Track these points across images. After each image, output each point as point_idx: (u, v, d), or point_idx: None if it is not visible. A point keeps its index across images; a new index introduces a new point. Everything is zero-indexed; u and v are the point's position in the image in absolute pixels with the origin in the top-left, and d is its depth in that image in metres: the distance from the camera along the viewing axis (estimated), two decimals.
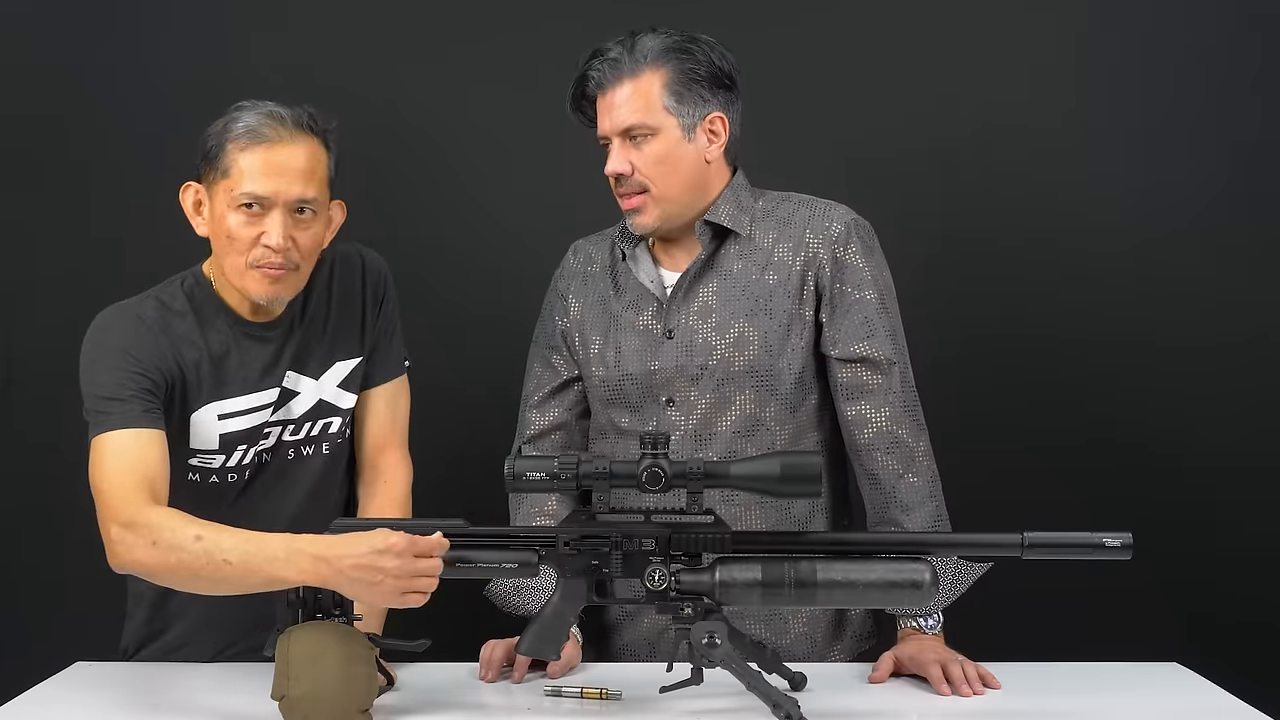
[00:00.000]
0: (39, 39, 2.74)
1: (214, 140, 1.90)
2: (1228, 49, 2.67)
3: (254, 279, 1.89)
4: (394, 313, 2.09)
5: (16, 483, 2.63)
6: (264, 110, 1.89)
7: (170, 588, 1.83)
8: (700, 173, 2.00)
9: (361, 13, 2.75)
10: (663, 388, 2.01)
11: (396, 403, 2.09)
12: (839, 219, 2.01)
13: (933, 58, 2.70)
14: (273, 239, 1.86)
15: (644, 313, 2.05)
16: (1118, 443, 2.69)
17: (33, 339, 2.62)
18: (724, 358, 1.99)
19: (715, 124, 1.99)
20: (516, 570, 1.71)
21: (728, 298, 2.01)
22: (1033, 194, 2.71)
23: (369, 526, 1.70)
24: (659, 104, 1.96)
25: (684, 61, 1.96)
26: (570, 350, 2.12)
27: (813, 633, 2.04)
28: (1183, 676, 1.92)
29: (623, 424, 2.05)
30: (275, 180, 1.86)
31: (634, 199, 1.99)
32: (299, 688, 1.64)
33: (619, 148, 1.98)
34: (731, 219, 2.02)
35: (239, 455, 1.97)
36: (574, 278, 2.14)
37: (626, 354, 2.04)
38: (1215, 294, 2.68)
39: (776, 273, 2.00)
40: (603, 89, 1.98)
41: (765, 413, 1.99)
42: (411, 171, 2.77)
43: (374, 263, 2.07)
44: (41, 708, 1.84)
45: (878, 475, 1.98)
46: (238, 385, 1.95)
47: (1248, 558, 2.67)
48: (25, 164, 2.75)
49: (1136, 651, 1.99)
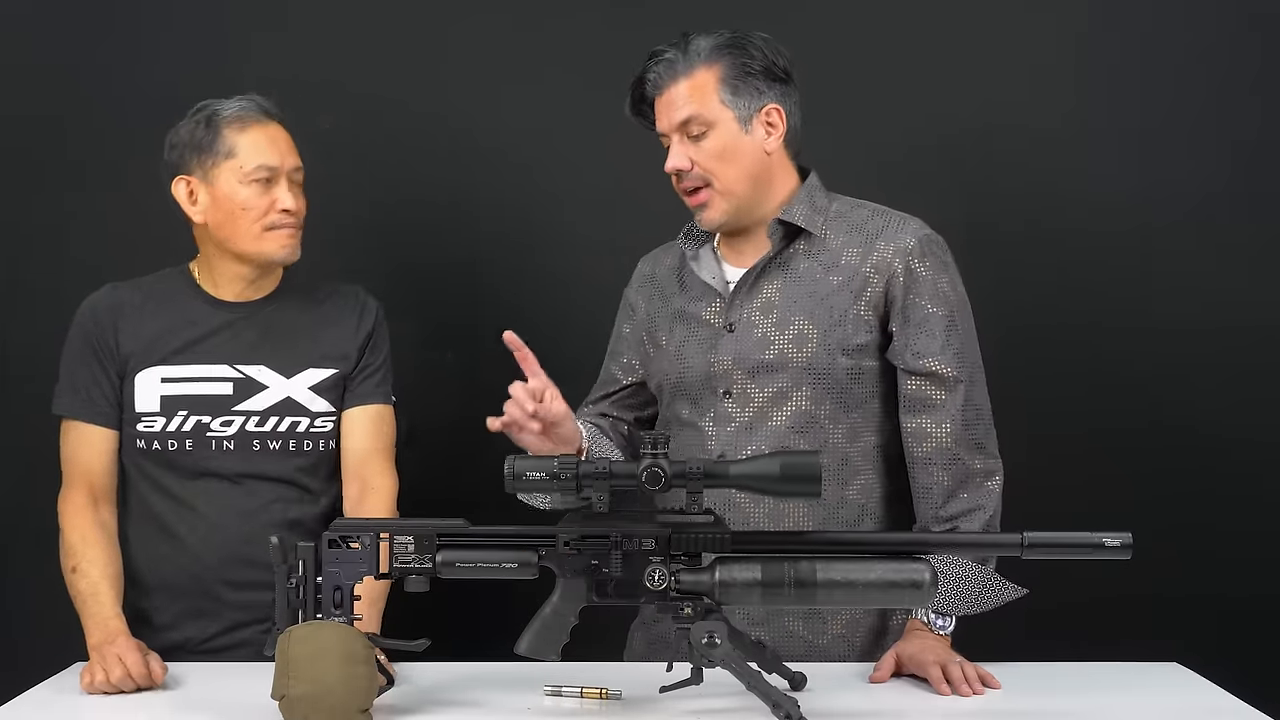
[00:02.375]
0: (38, 39, 2.74)
1: (200, 132, 2.11)
2: (1228, 49, 2.67)
3: (271, 240, 2.12)
4: (385, 350, 2.23)
5: (16, 482, 2.63)
6: (242, 99, 2.14)
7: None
8: (761, 164, 2.03)
9: (361, 13, 2.74)
10: (720, 379, 2.04)
11: (381, 424, 2.20)
12: (913, 232, 2.03)
13: (932, 58, 2.69)
14: (288, 202, 2.11)
15: (708, 308, 2.08)
16: (1117, 442, 2.68)
17: (31, 339, 2.62)
18: (782, 353, 2.01)
19: (772, 115, 2.02)
20: (516, 570, 1.71)
21: (791, 295, 2.03)
22: (1032, 194, 2.70)
23: (369, 527, 1.73)
24: (715, 98, 2.00)
25: (738, 56, 2.00)
26: (636, 354, 2.18)
27: (851, 635, 2.04)
28: (1183, 676, 1.92)
29: (684, 415, 2.08)
30: (278, 152, 2.12)
31: (699, 195, 2.02)
32: (299, 688, 1.64)
33: (678, 144, 2.02)
34: (806, 219, 2.04)
35: (179, 420, 2.11)
36: (644, 283, 2.20)
37: (689, 347, 2.08)
38: (1214, 291, 2.68)
39: (842, 275, 2.02)
40: (660, 89, 2.02)
41: (820, 410, 2.00)
42: (410, 170, 2.76)
43: (370, 304, 2.24)
44: (41, 708, 1.84)
45: (930, 489, 1.99)
46: (188, 354, 2.14)
47: (1248, 557, 2.67)
48: (25, 164, 2.75)
49: (1136, 651, 1.99)
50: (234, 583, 2.11)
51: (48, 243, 2.73)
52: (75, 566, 2.04)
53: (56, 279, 2.61)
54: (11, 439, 2.66)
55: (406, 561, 1.71)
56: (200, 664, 2.02)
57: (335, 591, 1.71)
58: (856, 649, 2.03)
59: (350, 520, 1.78)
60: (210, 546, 2.11)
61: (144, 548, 2.14)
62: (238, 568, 2.10)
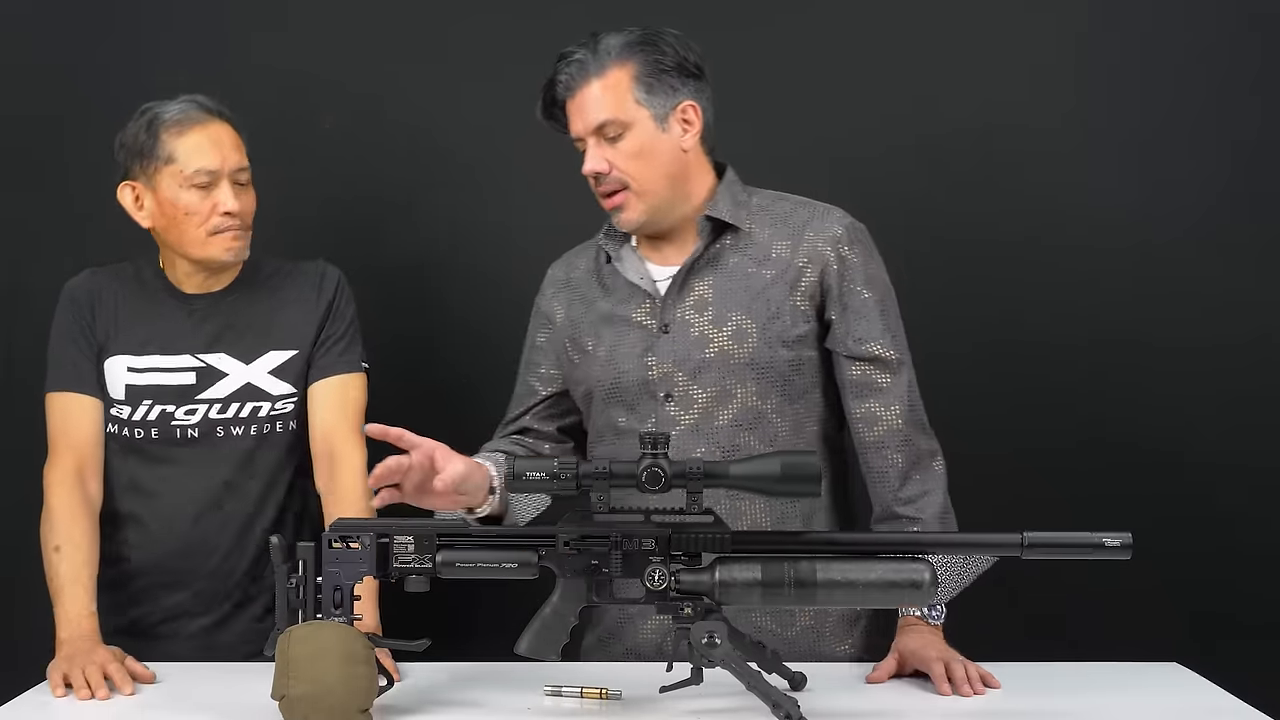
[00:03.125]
0: (38, 39, 2.74)
1: (143, 137, 2.12)
2: (1228, 49, 2.67)
3: (217, 244, 2.12)
4: (348, 318, 2.23)
5: (16, 482, 2.62)
6: (184, 100, 2.14)
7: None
8: (679, 162, 2.01)
9: (362, 14, 2.74)
10: (660, 383, 2.01)
11: (346, 393, 2.20)
12: (839, 220, 2.03)
13: (932, 57, 2.69)
14: (230, 204, 2.10)
15: (637, 310, 2.05)
16: (1115, 442, 2.68)
17: (34, 340, 2.61)
18: (723, 350, 1.99)
19: (688, 112, 2.00)
20: (516, 570, 1.71)
21: (725, 291, 2.01)
22: (1032, 193, 2.70)
23: (369, 527, 1.73)
24: (629, 98, 1.97)
25: (650, 54, 1.97)
26: (555, 364, 2.13)
27: (819, 625, 2.03)
28: (1183, 676, 1.92)
29: (620, 423, 2.04)
30: (217, 154, 2.11)
31: (615, 197, 2.00)
32: (299, 688, 1.64)
33: (594, 147, 1.99)
34: (732, 214, 2.03)
35: (144, 410, 2.15)
36: (558, 289, 2.15)
37: (622, 352, 2.04)
38: (1216, 294, 2.67)
39: (774, 268, 2.01)
40: (571, 91, 1.98)
41: (766, 405, 1.99)
42: (408, 169, 2.76)
43: (330, 273, 2.25)
44: (41, 708, 1.84)
45: (886, 472, 1.99)
46: (154, 345, 2.17)
47: (1248, 556, 2.67)
48: (25, 164, 2.75)
49: (1136, 651, 1.99)
50: (184, 569, 2.17)
51: (48, 243, 2.73)
52: (58, 546, 2.05)
53: (58, 280, 2.61)
54: (15, 440, 2.65)
55: (406, 561, 1.71)
56: (200, 664, 2.02)
57: (335, 591, 1.71)
58: (826, 637, 2.03)
59: (350, 520, 1.78)
60: (171, 532, 2.17)
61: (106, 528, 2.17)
62: (193, 554, 2.16)
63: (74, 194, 2.71)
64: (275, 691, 1.66)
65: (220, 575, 2.18)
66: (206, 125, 2.11)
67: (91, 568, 2.06)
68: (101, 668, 1.87)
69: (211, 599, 2.18)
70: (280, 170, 2.39)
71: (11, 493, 2.64)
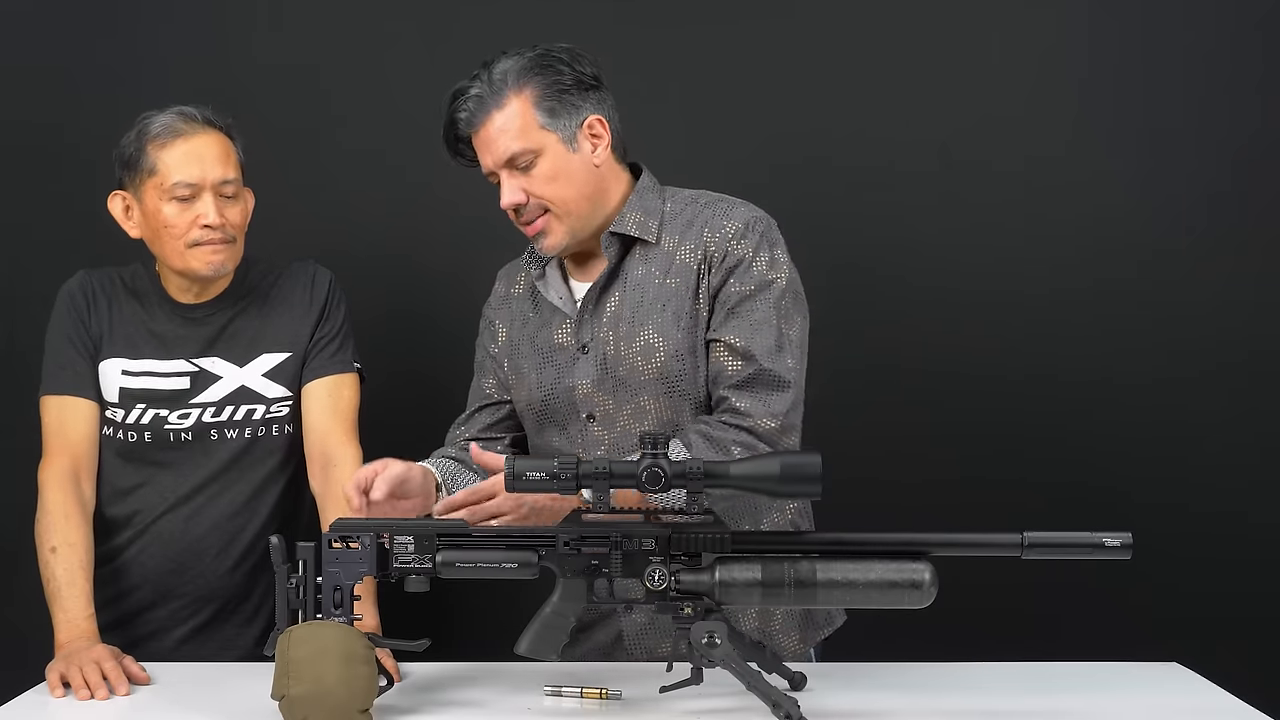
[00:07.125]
0: (38, 39, 2.74)
1: (132, 148, 2.12)
2: (1228, 49, 2.66)
3: (197, 256, 2.11)
4: (340, 319, 2.24)
5: (16, 482, 2.62)
6: (172, 111, 2.12)
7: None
8: (594, 179, 1.98)
9: (362, 13, 2.75)
10: (583, 404, 2.01)
11: (339, 394, 2.21)
12: (739, 216, 1.98)
13: (931, 57, 2.70)
14: (210, 217, 2.09)
15: (559, 330, 2.03)
16: (1114, 442, 2.68)
17: (35, 340, 2.61)
18: (633, 367, 1.97)
19: (595, 127, 1.97)
20: (516, 570, 1.71)
21: (633, 305, 1.99)
22: (1031, 194, 2.70)
23: (369, 527, 1.73)
24: (534, 124, 1.93)
25: (547, 75, 1.94)
26: (501, 376, 2.12)
27: (765, 625, 2.02)
28: (1183, 676, 1.92)
29: (554, 444, 2.04)
30: (199, 166, 2.09)
31: (536, 223, 1.97)
32: (299, 687, 1.64)
33: (508, 179, 1.95)
34: (639, 226, 2.00)
35: (137, 413, 2.16)
36: (501, 303, 2.14)
37: (548, 374, 2.03)
38: (1216, 294, 2.68)
39: (679, 276, 1.98)
40: (474, 127, 1.95)
41: (681, 418, 1.97)
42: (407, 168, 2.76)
43: (321, 275, 2.25)
44: (41, 708, 1.84)
45: (724, 370, 1.93)
46: (149, 349, 2.17)
47: (1248, 556, 2.67)
48: (25, 164, 2.74)
49: (1136, 651, 1.99)
50: (175, 571, 2.18)
51: (48, 243, 2.73)
52: (55, 547, 2.06)
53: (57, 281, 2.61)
54: (18, 441, 2.65)
55: (406, 561, 1.71)
56: (201, 664, 2.02)
57: (335, 591, 1.71)
58: (775, 634, 2.02)
59: (351, 520, 1.77)
60: (161, 534, 2.17)
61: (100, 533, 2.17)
62: (184, 556, 2.17)
63: (74, 194, 2.71)
64: (275, 691, 1.66)
65: (210, 577, 2.18)
66: (191, 137, 2.10)
67: (88, 569, 2.06)
68: (99, 667, 1.87)
69: (201, 602, 2.18)
70: (278, 170, 2.40)
71: (11, 493, 2.64)
